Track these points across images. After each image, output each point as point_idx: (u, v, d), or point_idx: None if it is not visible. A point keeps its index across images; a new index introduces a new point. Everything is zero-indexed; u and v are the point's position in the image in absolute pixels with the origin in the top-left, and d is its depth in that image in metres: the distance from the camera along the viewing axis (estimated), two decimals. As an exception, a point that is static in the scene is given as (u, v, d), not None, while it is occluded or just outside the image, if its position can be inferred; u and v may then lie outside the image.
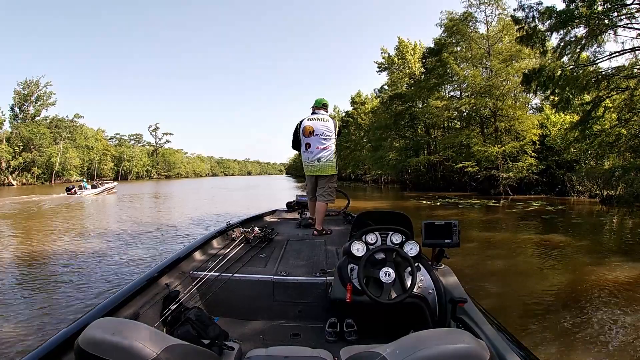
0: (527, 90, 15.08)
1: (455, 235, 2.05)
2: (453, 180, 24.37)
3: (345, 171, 50.37)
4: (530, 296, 4.30)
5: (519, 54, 19.28)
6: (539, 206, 13.97)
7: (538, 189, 19.21)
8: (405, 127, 29.56)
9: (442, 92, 25.77)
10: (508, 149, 19.19)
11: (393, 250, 1.93)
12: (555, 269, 5.52)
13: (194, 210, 15.48)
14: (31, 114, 52.83)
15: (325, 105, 4.08)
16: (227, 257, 2.69)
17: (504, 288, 4.75)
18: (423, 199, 18.37)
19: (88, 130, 64.52)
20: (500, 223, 10.54)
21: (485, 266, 5.75)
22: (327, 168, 3.94)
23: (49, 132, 52.35)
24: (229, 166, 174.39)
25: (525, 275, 5.29)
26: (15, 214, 14.46)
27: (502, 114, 20.42)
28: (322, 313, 2.23)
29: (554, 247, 6.89)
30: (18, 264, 6.43)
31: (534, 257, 6.35)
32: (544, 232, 8.71)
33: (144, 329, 1.05)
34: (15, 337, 3.48)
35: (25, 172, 48.98)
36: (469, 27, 21.59)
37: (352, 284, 1.92)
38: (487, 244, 7.36)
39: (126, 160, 75.71)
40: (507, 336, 1.45)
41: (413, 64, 30.66)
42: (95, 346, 0.94)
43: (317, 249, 3.11)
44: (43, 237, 9.09)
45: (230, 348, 1.54)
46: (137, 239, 8.36)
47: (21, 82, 52.89)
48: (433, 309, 1.90)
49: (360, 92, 48.41)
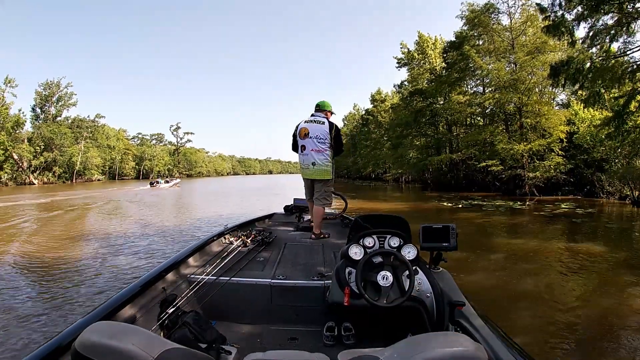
0: (555, 84, 14.17)
1: (452, 239, 2.05)
2: (476, 180, 23.39)
3: (365, 170, 49.74)
4: (573, 332, 3.47)
5: (544, 46, 18.17)
6: (568, 209, 13.00)
7: (565, 189, 18.04)
8: (426, 124, 28.59)
9: (464, 88, 24.75)
10: (535, 147, 18.08)
11: (391, 254, 1.93)
12: (598, 293, 4.57)
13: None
14: (52, 114, 53.74)
15: (323, 107, 3.94)
16: (225, 260, 2.68)
17: (537, 319, 3.80)
18: (444, 200, 17.51)
19: (110, 130, 65.97)
20: (528, 228, 9.62)
21: (512, 286, 4.81)
22: (321, 172, 3.83)
23: (70, 132, 53.34)
24: (250, 165, 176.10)
25: (562, 300, 4.29)
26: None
27: (527, 110, 19.32)
28: (319, 317, 2.22)
29: (590, 259, 6.02)
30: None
31: (570, 273, 5.38)
32: (578, 239, 7.82)
33: (141, 332, 1.06)
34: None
35: (47, 172, 49.83)
36: (491, 19, 20.55)
37: (349, 287, 1.92)
38: (515, 256, 6.46)
39: (147, 160, 77.21)
40: (505, 339, 1.44)
41: (434, 59, 29.64)
42: (92, 350, 0.94)
43: (315, 253, 3.12)
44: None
45: (228, 352, 1.57)
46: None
47: (42, 83, 53.60)
48: (431, 313, 1.88)
49: (380, 90, 47.55)
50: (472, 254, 6.26)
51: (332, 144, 3.83)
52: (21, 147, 45.33)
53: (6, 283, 5.00)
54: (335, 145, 3.87)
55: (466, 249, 6.59)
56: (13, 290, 4.68)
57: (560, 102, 22.08)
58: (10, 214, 13.51)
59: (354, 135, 57.26)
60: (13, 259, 6.43)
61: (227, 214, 12.81)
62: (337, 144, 3.88)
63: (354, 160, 55.54)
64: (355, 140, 54.99)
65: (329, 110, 3.96)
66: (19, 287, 4.82)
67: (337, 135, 3.85)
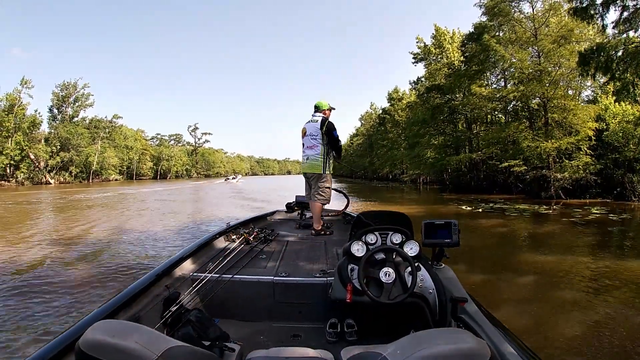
0: (584, 73, 12.74)
1: (454, 235, 2.04)
2: (497, 181, 21.78)
3: (382, 171, 48.46)
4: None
5: (570, 34, 16.64)
6: (600, 214, 11.52)
7: (592, 191, 16.32)
8: (444, 122, 27.06)
9: (485, 82, 23.22)
10: (564, 145, 16.46)
11: (393, 250, 1.93)
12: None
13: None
14: (69, 114, 55.00)
15: (319, 107, 4.13)
16: (228, 258, 2.70)
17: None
18: (463, 202, 16.17)
19: (127, 130, 67.42)
20: (560, 240, 8.01)
21: (554, 326, 3.53)
22: (313, 166, 4.01)
23: (87, 132, 54.40)
24: (268, 165, 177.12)
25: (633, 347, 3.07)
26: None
27: (553, 105, 17.74)
28: (322, 313, 2.23)
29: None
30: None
31: (629, 307, 3.98)
32: (623, 255, 6.38)
33: (144, 331, 1.07)
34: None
35: (63, 171, 50.95)
36: (512, 8, 19.06)
37: (352, 284, 1.91)
38: (549, 280, 5.01)
39: (165, 160, 78.27)
40: (508, 335, 1.44)
41: (451, 53, 28.10)
42: (96, 348, 0.95)
43: (317, 250, 3.15)
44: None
45: (231, 349, 1.57)
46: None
47: (59, 84, 54.91)
48: (433, 309, 1.87)
49: (397, 88, 46.01)
50: (495, 276, 5.16)
51: (326, 140, 3.95)
52: (37, 147, 46.55)
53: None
54: (329, 140, 3.96)
55: (488, 269, 5.55)
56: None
57: (586, 98, 20.35)
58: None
59: (371, 135, 55.90)
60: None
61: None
62: (330, 139, 3.96)
63: (371, 161, 54.03)
64: (372, 140, 53.68)
65: (326, 108, 4.14)
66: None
67: (329, 131, 3.93)
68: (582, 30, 16.75)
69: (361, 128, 61.35)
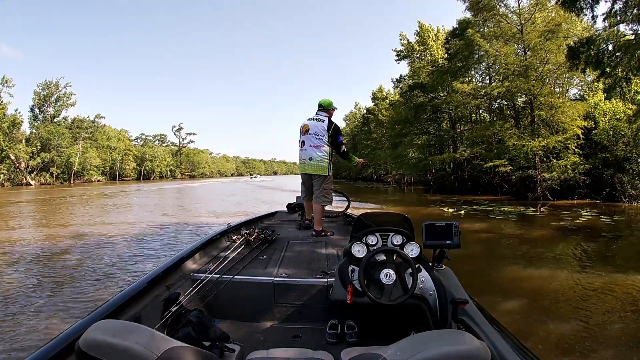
0: (574, 67, 12.08)
1: (455, 236, 2.00)
2: (482, 182, 21.10)
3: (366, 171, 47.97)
4: None
5: (558, 29, 16.02)
6: (591, 216, 10.83)
7: (580, 192, 15.76)
8: (427, 121, 26.43)
9: (468, 79, 22.57)
10: (552, 143, 15.76)
11: (394, 252, 1.91)
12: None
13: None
14: (50, 114, 53.63)
15: (324, 106, 4.04)
16: (228, 259, 2.66)
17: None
18: (446, 204, 15.37)
19: (110, 130, 65.96)
20: (550, 248, 6.94)
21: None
22: (318, 168, 3.94)
23: (69, 132, 53.13)
24: (254, 166, 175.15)
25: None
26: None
27: (540, 102, 17.10)
28: (322, 315, 2.21)
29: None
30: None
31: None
32: (623, 266, 5.48)
33: (144, 331, 1.05)
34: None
35: (44, 172, 49.72)
36: (497, 2, 18.36)
37: (352, 285, 1.89)
38: (542, 303, 4.06)
39: (148, 160, 76.26)
40: (508, 337, 1.42)
41: (435, 51, 27.45)
42: (96, 348, 0.93)
43: (318, 251, 3.14)
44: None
45: (231, 350, 1.58)
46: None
47: (40, 84, 53.71)
48: (434, 310, 1.86)
49: (382, 87, 45.57)
50: (478, 298, 4.20)
51: (330, 141, 3.90)
52: (18, 148, 45.13)
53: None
54: (332, 143, 3.92)
55: (470, 289, 4.52)
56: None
57: (573, 97, 19.82)
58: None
59: (355, 135, 55.29)
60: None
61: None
62: (334, 142, 3.91)
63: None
64: (356, 140, 53.08)
65: (331, 108, 4.05)
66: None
67: (335, 134, 3.90)
68: (569, 26, 16.20)
69: (345, 128, 60.63)
